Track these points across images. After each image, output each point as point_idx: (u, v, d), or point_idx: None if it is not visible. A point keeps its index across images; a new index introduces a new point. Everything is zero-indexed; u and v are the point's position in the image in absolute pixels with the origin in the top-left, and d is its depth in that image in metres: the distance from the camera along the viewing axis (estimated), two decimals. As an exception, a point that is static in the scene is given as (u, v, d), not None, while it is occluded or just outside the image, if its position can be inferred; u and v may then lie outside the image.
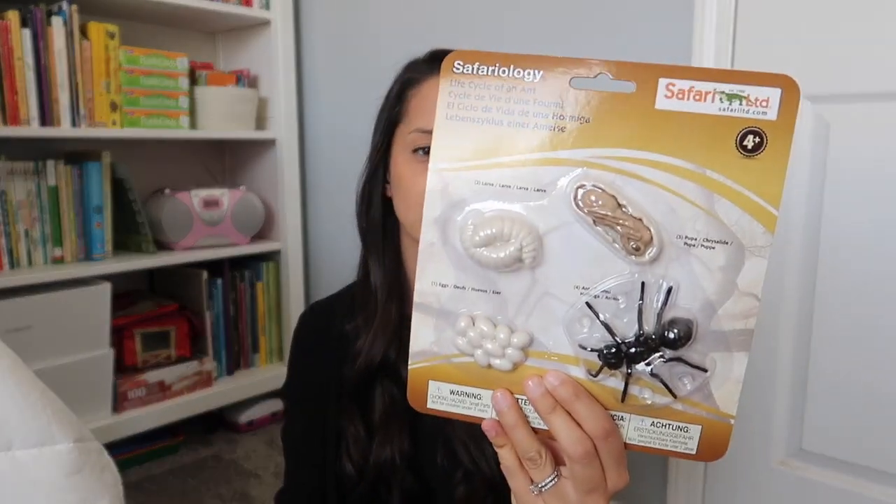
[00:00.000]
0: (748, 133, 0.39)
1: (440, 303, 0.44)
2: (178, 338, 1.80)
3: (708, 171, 0.40)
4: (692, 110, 0.39)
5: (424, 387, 0.46)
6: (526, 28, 1.50)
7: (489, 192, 0.42)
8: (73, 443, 0.60)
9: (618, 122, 0.40)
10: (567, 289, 0.42)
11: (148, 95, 1.69)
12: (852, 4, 1.09)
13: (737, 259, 0.40)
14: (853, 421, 1.17)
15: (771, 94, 0.39)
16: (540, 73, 0.41)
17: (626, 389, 0.42)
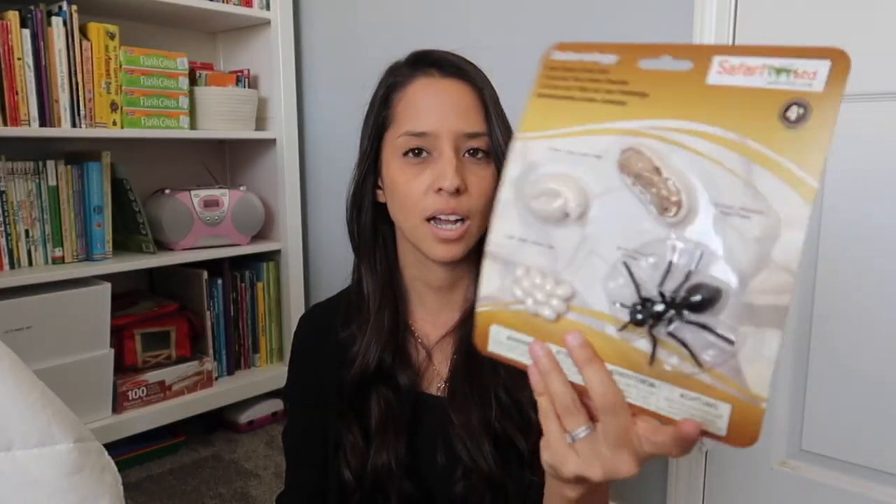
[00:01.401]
0: (792, 104, 0.39)
1: (507, 253, 0.48)
2: (178, 338, 1.80)
3: (749, 141, 0.40)
4: (740, 84, 0.41)
5: (487, 329, 0.50)
6: (526, 28, 1.50)
7: (558, 158, 0.47)
8: (73, 443, 0.60)
9: (671, 96, 0.43)
10: (610, 248, 0.44)
11: (148, 95, 1.69)
12: (852, 5, 1.09)
13: (772, 231, 0.39)
14: (853, 421, 1.17)
15: (819, 66, 0.39)
16: (615, 56, 0.46)
17: (655, 351, 0.43)
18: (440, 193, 0.70)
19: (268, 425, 2.00)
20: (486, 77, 0.75)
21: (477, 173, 0.71)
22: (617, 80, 0.45)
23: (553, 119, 0.47)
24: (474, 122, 0.72)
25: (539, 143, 0.48)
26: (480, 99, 0.73)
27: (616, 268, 0.44)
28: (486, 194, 0.71)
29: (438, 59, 0.74)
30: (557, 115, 0.47)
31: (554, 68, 0.48)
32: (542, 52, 0.50)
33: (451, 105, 0.72)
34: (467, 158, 0.72)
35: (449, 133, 0.71)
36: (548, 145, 0.47)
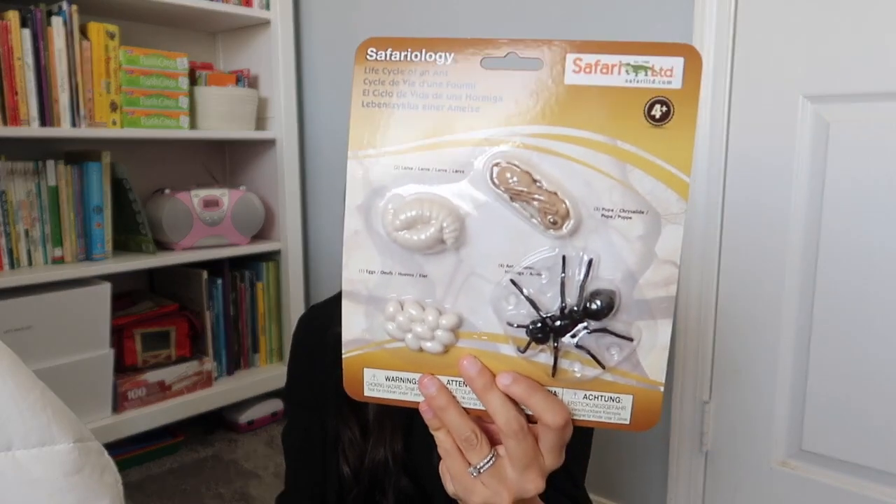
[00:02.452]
0: (655, 103, 0.40)
1: (368, 289, 0.44)
2: (178, 338, 1.80)
3: (619, 143, 0.40)
4: (600, 83, 0.40)
5: (360, 374, 0.46)
6: (526, 28, 1.50)
7: (409, 177, 0.42)
8: (73, 443, 0.60)
9: (529, 99, 0.41)
10: (492, 267, 0.42)
11: (148, 95, 1.69)
12: (852, 5, 1.09)
13: (654, 228, 0.41)
14: (853, 421, 1.17)
15: (674, 63, 0.39)
16: (451, 55, 0.41)
17: (556, 363, 0.43)
18: None
19: (268, 425, 2.00)
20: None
21: None
22: (461, 82, 0.41)
23: (388, 133, 0.42)
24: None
25: (380, 161, 0.42)
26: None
27: (503, 286, 0.42)
28: None
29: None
30: (395, 126, 0.42)
31: (373, 70, 0.41)
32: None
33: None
34: None
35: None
36: (392, 163, 0.42)
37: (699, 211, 1.27)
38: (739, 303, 1.27)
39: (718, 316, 1.30)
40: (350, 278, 0.44)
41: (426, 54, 0.41)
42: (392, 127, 0.42)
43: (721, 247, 1.27)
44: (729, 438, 1.31)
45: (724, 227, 1.27)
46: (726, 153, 1.25)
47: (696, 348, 1.31)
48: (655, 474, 1.42)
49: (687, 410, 1.34)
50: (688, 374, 1.33)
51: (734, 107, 1.23)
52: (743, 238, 1.25)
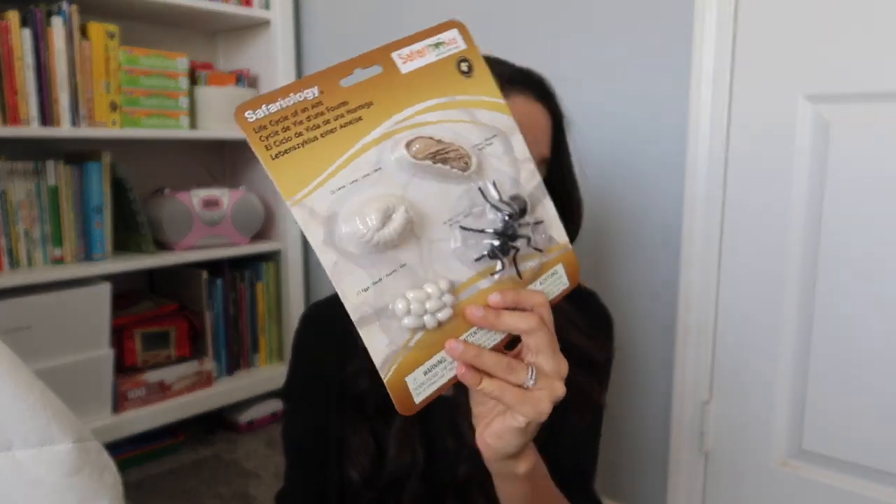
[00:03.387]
0: (460, 62, 0.53)
1: (372, 305, 0.47)
2: (178, 338, 1.80)
3: (456, 97, 0.52)
4: (423, 64, 0.51)
5: (405, 387, 0.48)
6: (526, 28, 1.50)
7: (347, 193, 0.47)
8: (73, 443, 0.60)
9: (388, 94, 0.49)
10: (440, 228, 0.50)
11: (148, 95, 1.69)
12: (853, 5, 1.09)
13: (506, 143, 0.54)
14: (853, 421, 1.17)
15: (454, 34, 0.54)
16: (315, 88, 0.47)
17: (519, 268, 0.53)
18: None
19: (268, 425, 2.00)
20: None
21: None
22: (335, 104, 0.47)
23: (308, 169, 0.46)
24: (546, 148, 0.74)
25: (316, 194, 0.46)
26: (555, 125, 0.75)
27: (456, 237, 0.50)
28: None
29: (537, 80, 0.74)
30: (309, 163, 0.46)
31: (262, 127, 0.46)
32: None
33: (539, 129, 0.73)
34: None
35: (535, 157, 0.72)
36: (327, 191, 0.46)
37: (699, 211, 1.27)
38: (739, 303, 1.27)
39: (718, 316, 1.30)
40: (353, 305, 0.46)
41: (296, 96, 0.47)
42: (307, 163, 0.46)
43: (721, 247, 1.27)
44: (729, 438, 1.31)
45: (724, 227, 1.27)
46: (726, 153, 1.25)
47: (696, 348, 1.31)
48: (655, 474, 1.42)
49: (687, 410, 1.34)
50: (688, 374, 1.33)
51: (734, 107, 1.23)
52: (743, 238, 1.25)
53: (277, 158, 0.46)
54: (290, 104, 0.46)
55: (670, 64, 1.30)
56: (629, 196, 1.37)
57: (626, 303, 1.40)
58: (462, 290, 0.50)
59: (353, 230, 0.46)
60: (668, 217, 1.33)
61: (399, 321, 0.47)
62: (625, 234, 1.39)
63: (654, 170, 1.34)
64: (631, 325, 1.40)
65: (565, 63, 1.44)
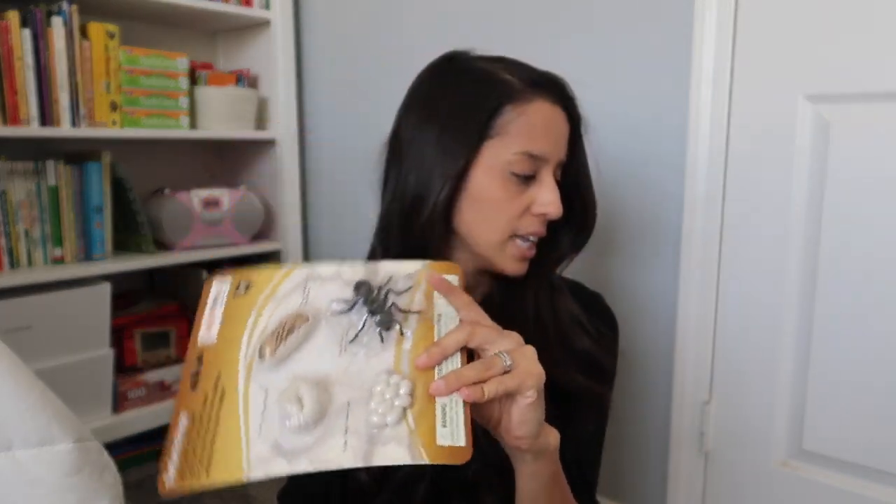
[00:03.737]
0: (237, 289, 0.62)
1: (363, 445, 0.50)
2: (178, 338, 1.80)
3: (258, 308, 0.60)
4: (217, 322, 0.60)
5: (446, 450, 0.51)
6: (527, 28, 1.50)
7: (263, 427, 0.52)
8: (73, 443, 0.60)
9: (223, 357, 0.56)
10: (342, 359, 0.56)
11: (148, 95, 1.69)
12: (852, 5, 1.09)
13: (314, 275, 0.62)
14: (853, 421, 1.17)
15: (221, 283, 0.63)
16: (183, 414, 0.53)
17: (411, 312, 0.59)
18: (538, 217, 0.73)
19: (268, 425, 1.99)
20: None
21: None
22: (200, 414, 0.52)
23: (230, 456, 0.50)
24: (563, 152, 0.75)
25: (253, 456, 0.50)
26: (572, 128, 0.76)
27: (356, 351, 0.56)
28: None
29: (559, 84, 0.75)
30: (226, 448, 0.50)
31: (182, 473, 0.49)
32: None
33: (560, 133, 0.74)
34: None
35: (555, 161, 0.73)
36: (256, 444, 0.50)
37: (699, 210, 1.27)
38: (739, 303, 1.27)
39: (718, 316, 1.30)
40: (352, 459, 0.50)
41: (177, 431, 0.53)
42: (226, 453, 0.51)
43: (721, 246, 1.27)
44: (729, 438, 1.31)
45: (724, 227, 1.27)
46: (726, 153, 1.25)
47: (696, 348, 1.31)
48: (655, 474, 1.42)
49: (687, 410, 1.34)
50: (688, 375, 1.33)
51: (734, 107, 1.23)
52: (743, 238, 1.25)
53: (209, 473, 0.49)
54: (181, 441, 0.51)
55: (670, 64, 1.30)
56: (629, 196, 1.37)
57: (626, 303, 1.40)
58: (398, 365, 0.54)
59: (290, 430, 0.50)
60: (668, 217, 1.33)
61: (386, 426, 0.50)
62: (625, 234, 1.39)
63: (655, 170, 1.34)
64: (631, 325, 1.40)
65: (565, 63, 1.43)
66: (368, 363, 0.54)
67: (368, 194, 0.84)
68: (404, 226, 0.74)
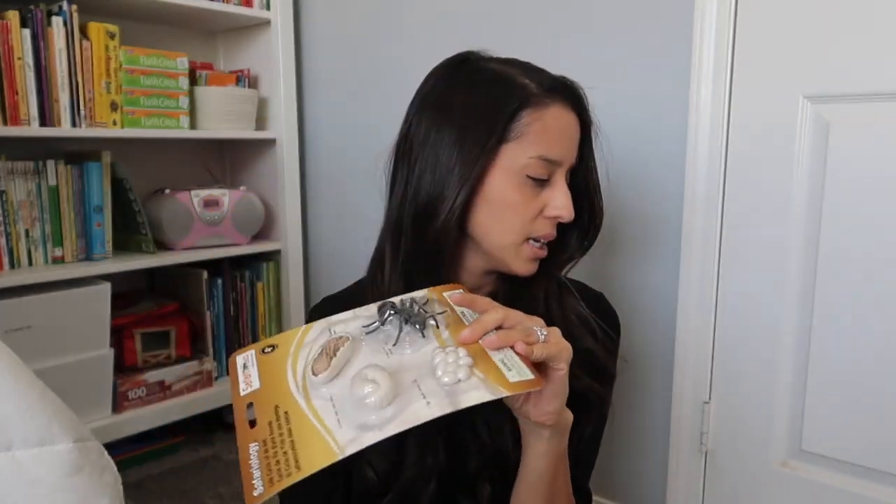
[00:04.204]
0: (264, 350, 0.65)
1: (447, 392, 0.54)
2: (178, 338, 1.80)
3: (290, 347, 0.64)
4: (257, 381, 0.62)
5: (518, 382, 0.55)
6: (527, 27, 1.50)
7: (340, 415, 0.54)
8: (73, 443, 0.60)
9: (267, 402, 0.60)
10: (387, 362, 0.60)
11: (148, 95, 1.69)
12: (853, 5, 1.09)
13: (334, 323, 0.67)
14: (853, 421, 1.17)
15: (245, 358, 0.65)
16: (255, 443, 0.57)
17: (437, 320, 0.63)
18: (550, 220, 0.74)
19: (268, 425, 1.99)
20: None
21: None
22: (273, 424, 0.58)
23: (315, 445, 0.52)
24: (574, 156, 0.76)
25: (341, 435, 0.52)
26: (583, 133, 0.77)
27: (402, 352, 0.60)
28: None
29: (573, 90, 0.76)
30: (310, 444, 0.53)
31: (271, 480, 0.51)
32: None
33: (574, 138, 0.75)
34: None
35: (568, 164, 0.74)
36: (343, 428, 0.53)
37: (699, 210, 1.27)
38: (739, 303, 1.27)
39: (718, 316, 1.30)
40: (440, 405, 0.53)
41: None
42: (311, 451, 0.52)
43: (721, 247, 1.27)
44: (729, 438, 1.31)
45: (724, 227, 1.27)
46: (726, 153, 1.25)
47: (696, 349, 1.31)
48: (655, 474, 1.42)
49: (687, 410, 1.34)
50: (688, 374, 1.33)
51: (734, 107, 1.23)
52: (743, 238, 1.25)
53: (300, 467, 0.50)
54: (258, 462, 0.54)
55: (670, 64, 1.30)
56: (629, 196, 1.37)
57: (625, 303, 1.40)
58: (444, 345, 0.59)
59: (373, 406, 0.53)
60: (668, 217, 1.33)
61: (459, 381, 0.54)
62: (625, 234, 1.39)
63: (655, 170, 1.34)
64: (631, 325, 1.40)
65: (565, 63, 1.43)
66: (419, 354, 0.59)
67: (368, 194, 0.84)
68: (418, 228, 0.74)
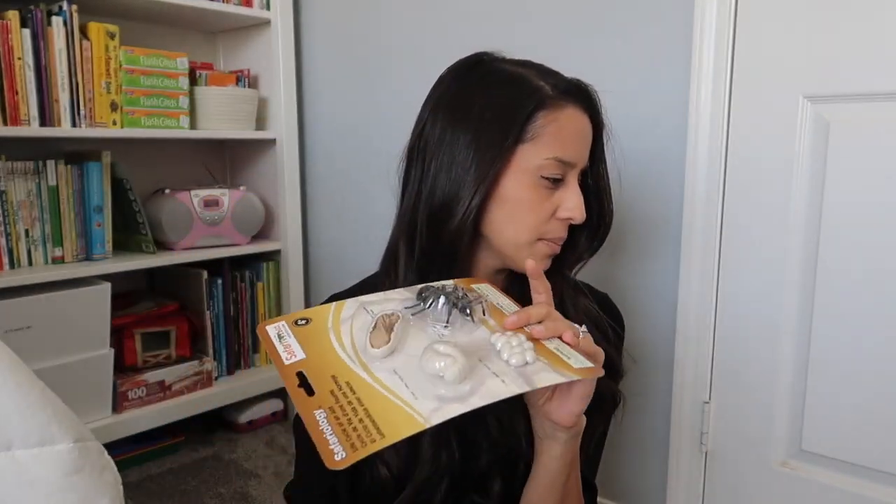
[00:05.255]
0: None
1: (518, 371, 0.56)
2: (178, 338, 1.80)
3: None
4: (297, 346, 0.60)
5: (579, 368, 0.57)
6: (527, 27, 1.50)
7: (414, 388, 0.54)
8: (73, 443, 0.60)
9: (321, 372, 0.57)
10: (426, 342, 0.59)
11: (148, 95, 1.69)
12: (852, 5, 1.09)
13: (367, 303, 0.66)
14: (853, 421, 1.17)
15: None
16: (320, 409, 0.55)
17: (484, 309, 0.64)
18: (562, 221, 0.74)
19: (268, 425, 2.00)
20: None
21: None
22: (335, 392, 0.55)
23: (395, 416, 0.52)
24: (586, 159, 0.77)
25: (421, 407, 0.52)
26: (595, 136, 0.78)
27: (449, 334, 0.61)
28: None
29: (587, 93, 0.76)
30: (389, 414, 0.52)
31: (353, 446, 0.50)
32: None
33: (586, 139, 0.76)
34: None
35: (581, 166, 0.75)
36: (419, 401, 0.53)
37: (699, 210, 1.27)
38: (739, 303, 1.27)
39: (718, 316, 1.30)
40: (515, 379, 0.55)
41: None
42: (393, 417, 0.52)
43: (720, 246, 1.27)
44: (729, 438, 1.31)
45: (724, 227, 1.27)
46: (726, 153, 1.25)
47: (696, 349, 1.31)
48: (655, 474, 1.42)
49: (687, 410, 1.34)
50: (688, 374, 1.33)
51: (734, 107, 1.23)
52: (743, 238, 1.25)
53: (384, 435, 0.50)
54: (330, 427, 0.51)
55: (670, 64, 1.30)
56: (629, 196, 1.37)
57: (626, 302, 1.40)
58: (495, 331, 0.61)
59: (450, 380, 0.53)
60: (668, 217, 1.33)
61: (527, 363, 0.56)
62: (625, 234, 1.39)
63: (655, 170, 1.34)
64: (631, 325, 1.40)
65: (565, 63, 1.43)
66: (472, 336, 0.60)
67: (368, 194, 0.85)
68: (433, 228, 0.75)
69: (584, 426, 0.67)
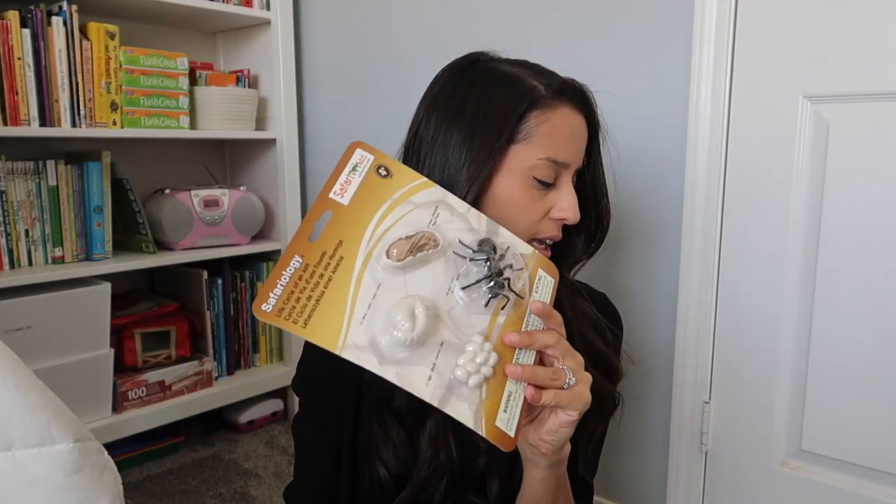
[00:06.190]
0: (378, 170, 0.63)
1: (442, 387, 0.54)
2: (178, 338, 1.80)
3: (394, 196, 0.61)
4: (355, 188, 0.62)
5: (500, 431, 0.54)
6: (527, 27, 1.50)
7: (370, 317, 0.54)
8: (73, 443, 0.60)
9: (349, 227, 0.59)
10: (448, 299, 0.58)
11: (148, 95, 1.69)
12: (853, 5, 1.09)
13: (447, 206, 0.63)
14: (853, 421, 1.17)
15: (361, 153, 0.64)
16: (296, 256, 0.56)
17: (516, 292, 0.60)
18: (556, 221, 0.74)
19: (268, 425, 2.00)
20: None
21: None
22: (318, 259, 0.56)
23: (333, 319, 0.53)
24: (581, 159, 0.76)
25: (351, 335, 0.53)
26: (591, 136, 0.77)
27: (461, 298, 0.58)
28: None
29: (582, 93, 0.76)
30: (330, 314, 0.53)
31: (280, 310, 0.52)
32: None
33: (582, 140, 0.76)
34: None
35: (575, 167, 0.75)
36: (356, 326, 0.53)
37: (699, 210, 1.27)
38: (739, 303, 1.27)
39: (718, 316, 1.30)
40: (430, 394, 0.53)
41: (287, 272, 0.55)
42: (328, 315, 0.53)
43: (720, 246, 1.27)
44: (729, 438, 1.31)
45: (724, 227, 1.27)
46: (726, 153, 1.25)
47: (696, 348, 1.31)
48: (655, 474, 1.42)
49: (687, 410, 1.34)
50: (688, 374, 1.33)
51: (734, 107, 1.23)
52: (743, 238, 1.25)
53: (307, 326, 0.52)
54: (287, 280, 0.53)
55: (670, 64, 1.30)
56: (629, 196, 1.37)
57: (625, 302, 1.40)
58: (490, 333, 0.57)
59: (394, 340, 0.52)
60: (668, 216, 1.33)
61: (466, 385, 0.54)
62: (625, 234, 1.39)
63: (655, 169, 1.34)
64: (631, 325, 1.40)
65: (565, 63, 1.43)
66: (468, 317, 0.57)
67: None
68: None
69: (568, 455, 0.66)
